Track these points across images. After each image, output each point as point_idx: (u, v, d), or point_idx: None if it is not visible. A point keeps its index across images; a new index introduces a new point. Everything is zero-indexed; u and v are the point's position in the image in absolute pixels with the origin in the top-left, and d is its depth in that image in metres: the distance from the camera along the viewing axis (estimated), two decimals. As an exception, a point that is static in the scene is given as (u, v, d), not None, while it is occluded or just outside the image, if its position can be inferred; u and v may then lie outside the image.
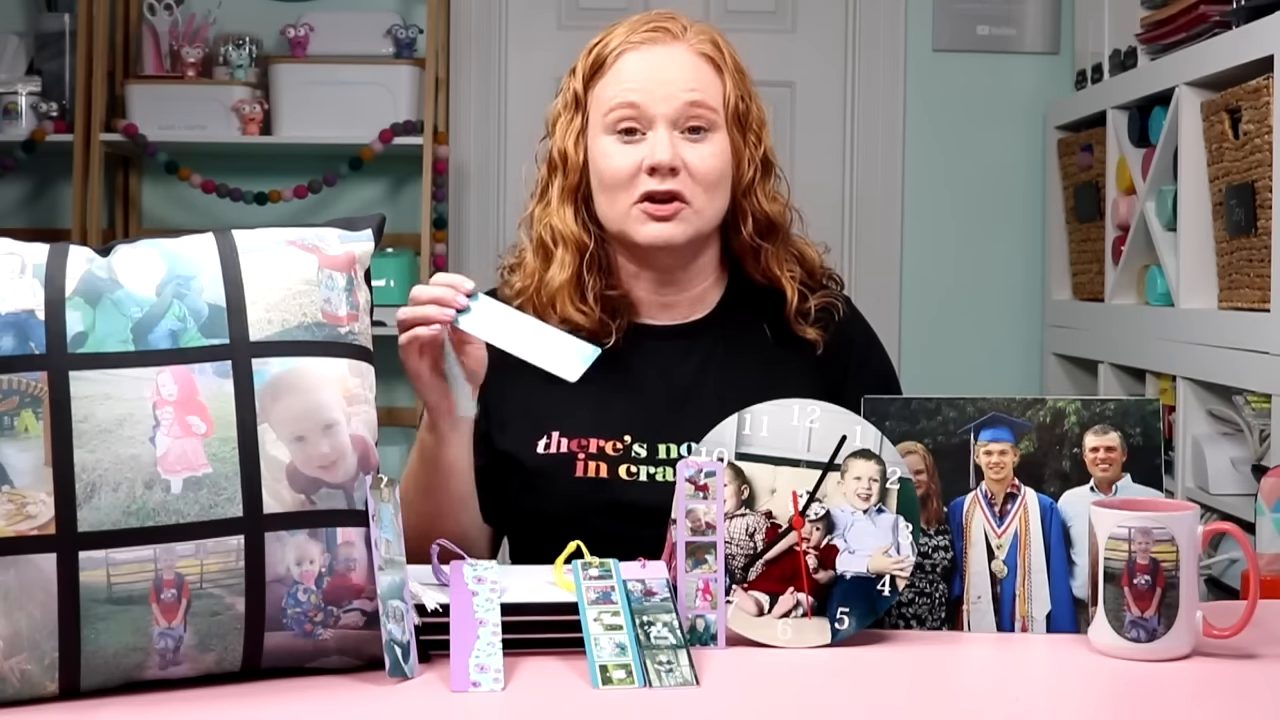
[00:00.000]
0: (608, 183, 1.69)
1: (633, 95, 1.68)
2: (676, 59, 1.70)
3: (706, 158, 1.68)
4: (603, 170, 1.70)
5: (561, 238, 1.72)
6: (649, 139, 1.67)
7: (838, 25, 3.96)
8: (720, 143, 1.70)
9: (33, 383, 1.18)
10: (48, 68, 3.80)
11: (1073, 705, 1.28)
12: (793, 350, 1.75)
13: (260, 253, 1.29)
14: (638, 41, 1.71)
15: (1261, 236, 2.55)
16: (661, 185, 1.66)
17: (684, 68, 1.70)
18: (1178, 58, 2.92)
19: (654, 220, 1.68)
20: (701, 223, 1.70)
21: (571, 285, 1.70)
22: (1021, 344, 3.96)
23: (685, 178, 1.67)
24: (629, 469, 1.67)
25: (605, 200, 1.71)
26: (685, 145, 1.68)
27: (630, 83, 1.69)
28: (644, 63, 1.70)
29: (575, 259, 1.71)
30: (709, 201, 1.70)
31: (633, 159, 1.67)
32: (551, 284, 1.71)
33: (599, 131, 1.70)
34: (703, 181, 1.68)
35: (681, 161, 1.67)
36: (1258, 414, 2.71)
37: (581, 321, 1.70)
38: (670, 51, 1.71)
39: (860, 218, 3.96)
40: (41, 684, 1.18)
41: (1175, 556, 1.33)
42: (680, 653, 1.28)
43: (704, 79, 1.70)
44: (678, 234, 1.69)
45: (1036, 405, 1.46)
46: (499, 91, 3.94)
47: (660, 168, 1.66)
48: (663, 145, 1.66)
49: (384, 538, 1.27)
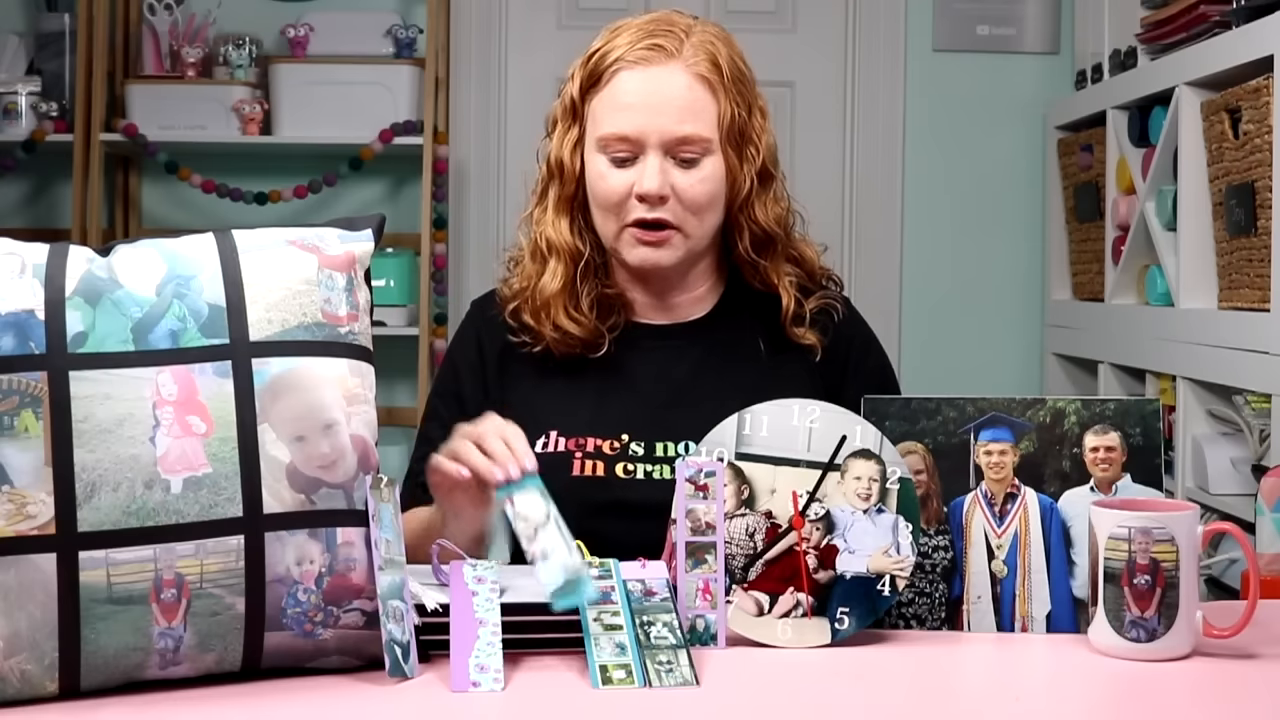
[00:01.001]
0: (600, 203, 1.70)
1: (625, 127, 1.66)
2: (671, 84, 1.66)
3: (696, 184, 1.67)
4: (596, 190, 1.69)
5: (555, 249, 1.72)
6: (640, 165, 1.66)
7: (838, 25, 3.96)
8: (712, 167, 1.68)
9: (33, 383, 1.18)
10: (48, 68, 3.79)
11: (1073, 705, 1.28)
12: (791, 350, 1.75)
13: (260, 253, 1.29)
14: (634, 60, 1.67)
15: (1261, 236, 2.55)
16: (650, 214, 1.66)
17: (678, 94, 1.66)
18: (1178, 58, 2.92)
19: (643, 245, 1.68)
20: (692, 244, 1.70)
21: (564, 295, 1.71)
22: (1021, 344, 3.96)
23: (675, 205, 1.67)
24: (626, 467, 1.67)
25: (599, 217, 1.71)
26: (676, 172, 1.66)
27: (623, 109, 1.66)
28: (639, 86, 1.66)
29: (569, 270, 1.71)
30: (699, 225, 1.69)
31: (624, 183, 1.67)
32: (544, 291, 1.71)
33: (593, 149, 1.69)
34: (692, 207, 1.67)
35: (671, 189, 1.66)
36: (1258, 414, 2.71)
37: (575, 330, 1.70)
38: (666, 75, 1.67)
39: (860, 218, 3.96)
40: (41, 684, 1.18)
41: (1175, 556, 1.33)
42: (680, 653, 1.28)
43: (698, 105, 1.67)
44: (665, 259, 1.69)
45: (1036, 405, 1.46)
46: (499, 91, 3.94)
47: (649, 198, 1.66)
48: (652, 174, 1.65)
49: (384, 538, 1.27)
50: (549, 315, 1.71)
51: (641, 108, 1.66)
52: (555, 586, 1.27)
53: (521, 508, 1.34)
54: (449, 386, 1.79)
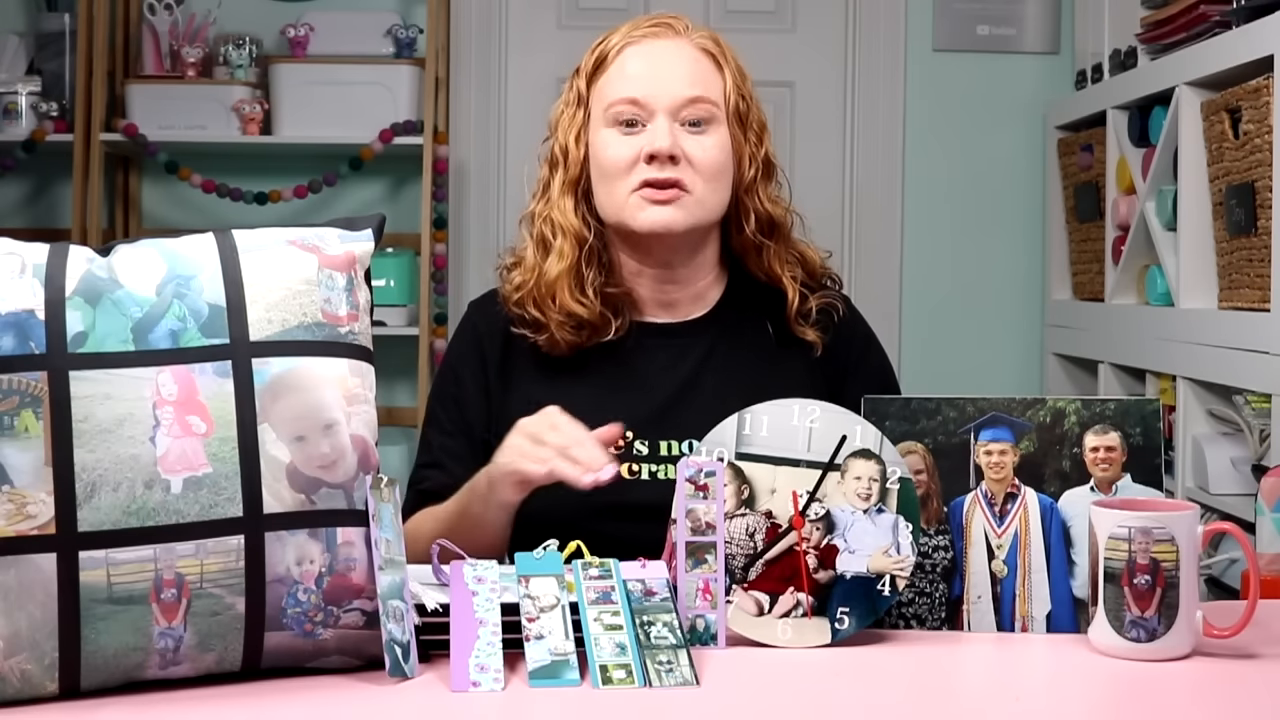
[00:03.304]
0: (607, 171, 1.70)
1: (634, 90, 1.69)
2: (678, 53, 1.72)
3: (709, 148, 1.69)
4: (602, 160, 1.70)
5: (560, 229, 1.72)
6: (649, 129, 1.68)
7: (838, 25, 3.96)
8: (720, 135, 1.70)
9: (33, 383, 1.18)
10: (48, 68, 3.79)
11: (1073, 705, 1.28)
12: (793, 348, 1.76)
13: (260, 252, 1.29)
14: (639, 37, 1.73)
15: (1261, 236, 2.55)
16: (661, 173, 1.67)
17: (685, 61, 1.71)
18: (1178, 58, 2.92)
19: (653, 205, 1.68)
20: (702, 213, 1.70)
21: (570, 275, 1.70)
22: (1021, 344, 3.96)
23: (685, 166, 1.68)
24: (631, 468, 1.67)
25: (604, 190, 1.71)
26: (685, 136, 1.68)
27: (632, 78, 1.70)
28: (645, 57, 1.71)
29: (574, 249, 1.71)
30: (710, 192, 1.70)
31: (632, 148, 1.68)
32: (549, 274, 1.70)
33: (600, 125, 1.71)
34: (703, 172, 1.68)
35: (681, 151, 1.67)
36: (1258, 414, 2.71)
37: (581, 313, 1.69)
38: (672, 46, 1.73)
39: (860, 218, 3.96)
40: (41, 684, 1.18)
41: (1175, 556, 1.33)
42: (680, 653, 1.28)
43: (705, 74, 1.71)
44: (677, 219, 1.68)
45: (1036, 405, 1.46)
46: (499, 91, 3.94)
47: (660, 154, 1.66)
48: (662, 133, 1.67)
49: (384, 538, 1.27)
50: (555, 300, 1.70)
51: (649, 75, 1.70)
52: (539, 666, 1.26)
53: (535, 589, 1.34)
54: (448, 390, 1.78)
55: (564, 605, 1.32)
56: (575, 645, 1.28)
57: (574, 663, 1.27)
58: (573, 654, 1.27)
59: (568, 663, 1.26)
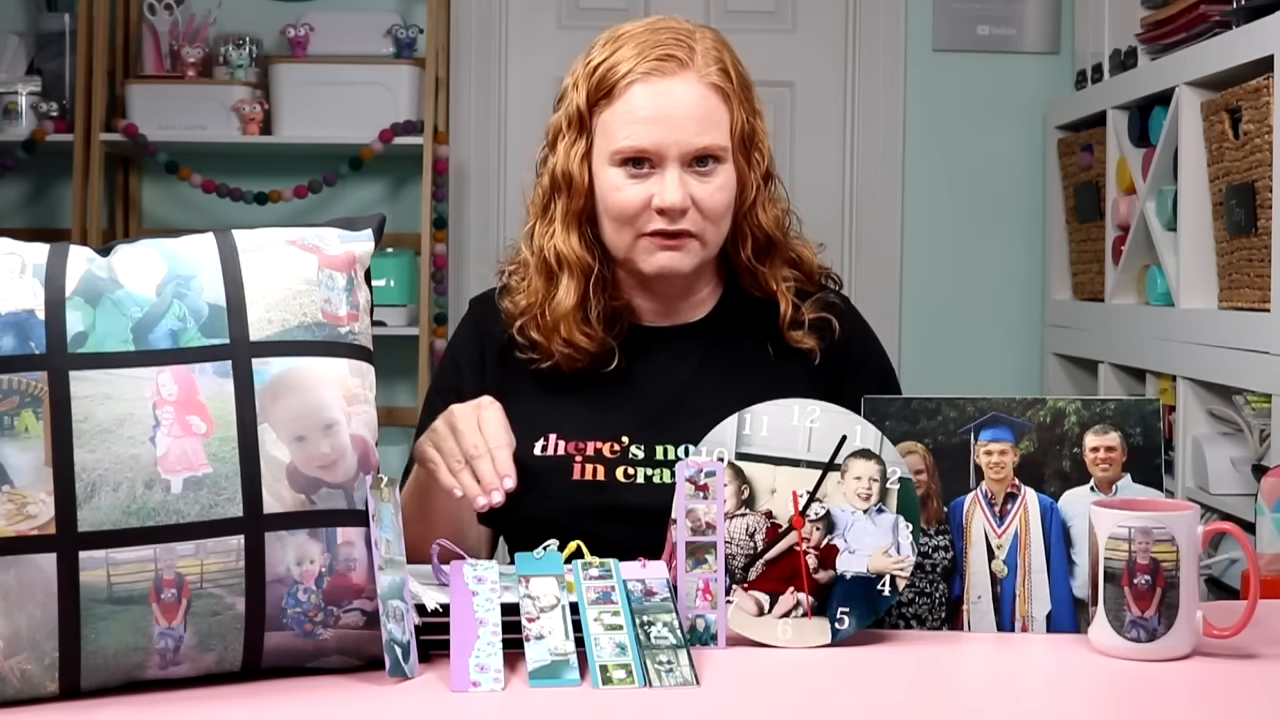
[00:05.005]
0: (615, 216, 1.68)
1: (643, 139, 1.65)
2: (687, 95, 1.66)
3: (714, 192, 1.67)
4: (610, 204, 1.68)
5: (566, 263, 1.70)
6: (658, 176, 1.65)
7: (838, 25, 3.96)
8: (727, 174, 1.68)
9: (33, 383, 1.18)
10: (48, 68, 3.79)
11: (1073, 705, 1.28)
12: (791, 352, 1.75)
13: (260, 253, 1.29)
14: (646, 72, 1.66)
15: (1261, 236, 2.55)
16: (671, 226, 1.66)
17: (694, 105, 1.66)
18: (1178, 58, 2.92)
19: (662, 250, 1.67)
20: (707, 253, 1.71)
21: (576, 310, 1.70)
22: (1021, 344, 3.96)
23: (694, 214, 1.66)
24: (626, 471, 1.67)
25: (611, 229, 1.69)
26: (694, 183, 1.66)
27: (640, 122, 1.65)
28: (654, 99, 1.65)
29: (580, 283, 1.70)
30: (716, 232, 1.70)
31: (642, 195, 1.66)
32: (558, 309, 1.69)
33: (606, 162, 1.68)
34: (710, 215, 1.67)
35: (690, 200, 1.66)
36: (1258, 414, 2.71)
37: (585, 345, 1.69)
38: (680, 86, 1.66)
39: (860, 218, 3.96)
40: (42, 684, 1.18)
41: (1175, 556, 1.33)
42: (680, 653, 1.28)
43: (714, 114, 1.67)
44: (684, 264, 1.69)
45: (1036, 405, 1.46)
46: (499, 91, 3.94)
47: (671, 211, 1.65)
48: (673, 188, 1.64)
49: (384, 538, 1.27)
50: (561, 333, 1.69)
51: (658, 120, 1.65)
52: (539, 666, 1.26)
53: (535, 589, 1.34)
54: (449, 383, 1.78)
55: (564, 605, 1.32)
56: (575, 645, 1.29)
57: (574, 663, 1.27)
58: (573, 654, 1.27)
59: (568, 663, 1.26)
